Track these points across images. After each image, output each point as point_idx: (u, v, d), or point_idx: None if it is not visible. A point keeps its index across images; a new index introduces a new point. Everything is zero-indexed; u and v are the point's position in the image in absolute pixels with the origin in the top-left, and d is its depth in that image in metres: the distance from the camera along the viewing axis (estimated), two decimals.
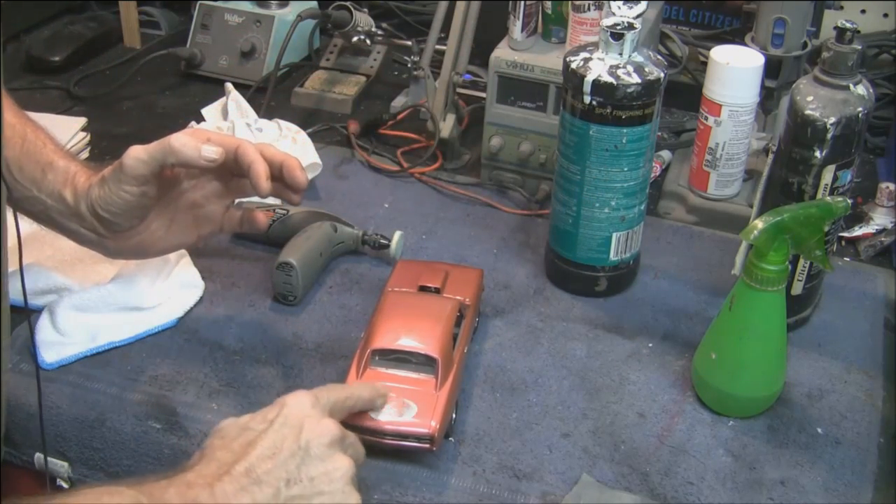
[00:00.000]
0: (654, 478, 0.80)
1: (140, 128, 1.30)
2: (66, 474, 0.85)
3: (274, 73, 1.31)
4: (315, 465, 0.69)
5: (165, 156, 0.81)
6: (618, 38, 0.90)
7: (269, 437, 0.68)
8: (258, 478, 0.66)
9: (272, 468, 0.67)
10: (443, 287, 0.92)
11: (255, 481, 0.66)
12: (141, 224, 0.87)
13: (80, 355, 0.89)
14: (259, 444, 0.68)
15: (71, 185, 0.85)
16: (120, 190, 0.82)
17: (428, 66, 1.22)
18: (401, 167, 1.20)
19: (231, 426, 0.71)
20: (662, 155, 1.21)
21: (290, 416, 0.70)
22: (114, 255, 0.90)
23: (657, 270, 1.04)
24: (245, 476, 0.66)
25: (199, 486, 0.65)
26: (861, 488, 0.80)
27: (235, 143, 0.84)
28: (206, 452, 0.69)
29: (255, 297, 0.99)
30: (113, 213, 0.84)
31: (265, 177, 0.82)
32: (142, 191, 0.83)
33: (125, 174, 0.82)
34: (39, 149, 0.86)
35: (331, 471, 0.69)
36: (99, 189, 0.83)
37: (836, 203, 0.81)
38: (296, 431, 0.69)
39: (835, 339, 0.96)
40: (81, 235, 0.87)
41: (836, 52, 0.85)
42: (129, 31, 1.50)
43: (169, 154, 0.81)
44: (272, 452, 0.68)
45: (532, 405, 0.87)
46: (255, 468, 0.67)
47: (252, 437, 0.69)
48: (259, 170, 0.82)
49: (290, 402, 0.71)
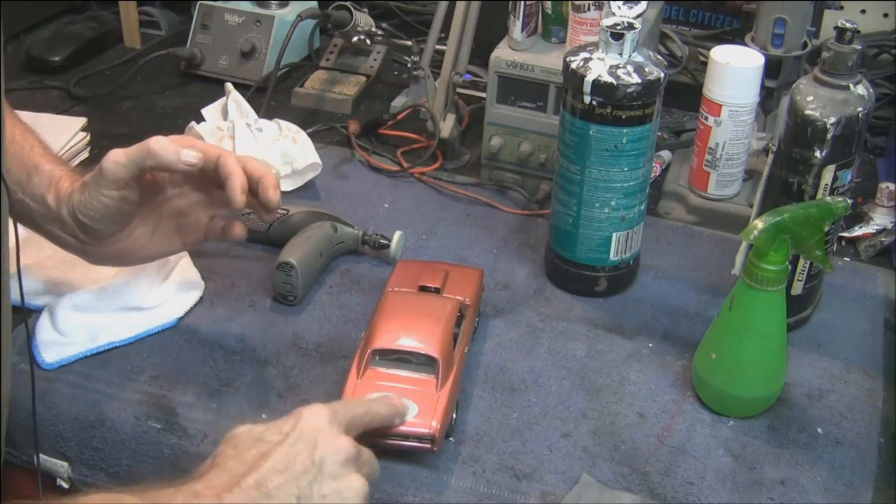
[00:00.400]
0: (654, 478, 0.80)
1: (140, 128, 1.30)
2: (66, 474, 0.85)
3: (274, 73, 1.31)
4: (327, 483, 0.67)
5: (144, 159, 0.80)
6: (618, 38, 0.90)
7: (283, 450, 0.67)
8: (268, 492, 0.65)
9: (283, 483, 0.66)
10: (443, 287, 0.92)
11: (265, 495, 0.65)
12: (123, 231, 0.86)
13: (80, 355, 0.89)
14: (272, 456, 0.67)
15: (54, 190, 0.84)
16: (100, 195, 0.82)
17: (428, 66, 1.22)
18: (401, 167, 1.20)
19: (245, 435, 0.70)
20: (662, 155, 1.21)
21: (306, 430, 0.69)
22: (96, 262, 0.89)
23: (657, 270, 1.04)
24: (255, 489, 0.65)
25: (208, 496, 0.64)
26: (861, 488, 0.80)
27: (217, 152, 0.83)
28: (218, 461, 0.68)
29: (255, 297, 0.99)
30: (93, 218, 0.83)
31: (240, 190, 0.81)
32: (122, 195, 0.82)
33: (105, 178, 0.81)
34: (27, 151, 0.85)
35: (343, 490, 0.68)
36: (80, 194, 0.83)
37: (836, 203, 0.81)
38: (310, 447, 0.68)
39: (835, 339, 0.96)
40: (63, 240, 0.86)
41: (836, 52, 0.85)
42: (129, 31, 1.50)
43: (148, 157, 0.80)
44: (284, 467, 0.66)
45: (532, 405, 0.87)
46: (266, 482, 0.65)
47: (265, 450, 0.67)
48: (235, 182, 0.81)
49: (307, 415, 0.70)
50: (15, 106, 1.26)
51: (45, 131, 1.20)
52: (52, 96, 1.37)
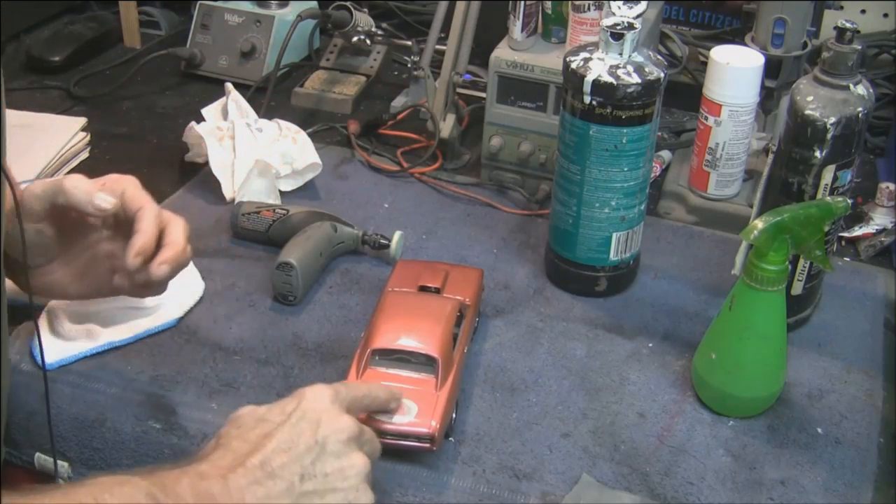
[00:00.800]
0: (654, 478, 0.80)
1: (140, 128, 1.30)
2: (67, 474, 0.85)
3: (274, 73, 1.31)
4: (330, 461, 0.68)
5: (56, 194, 0.79)
6: (618, 38, 0.90)
7: (286, 430, 0.68)
8: (272, 471, 0.66)
9: (287, 462, 0.67)
10: (443, 287, 0.92)
11: (270, 475, 0.66)
12: (49, 264, 0.83)
13: (80, 355, 0.89)
14: (275, 436, 0.68)
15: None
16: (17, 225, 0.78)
17: (428, 66, 1.22)
18: (401, 167, 1.20)
19: (248, 416, 0.70)
20: (662, 155, 1.21)
21: (309, 409, 0.70)
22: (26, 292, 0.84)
23: (657, 270, 1.04)
24: (259, 469, 0.66)
25: (213, 477, 0.65)
26: (861, 488, 0.80)
27: (141, 203, 0.80)
28: (222, 441, 0.68)
29: (255, 297, 0.99)
30: (11, 247, 0.78)
31: (136, 251, 0.78)
32: (37, 228, 0.80)
33: (24, 209, 0.78)
34: None
35: (346, 468, 0.69)
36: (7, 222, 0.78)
37: (836, 203, 0.81)
38: (313, 426, 0.69)
39: (835, 339, 0.96)
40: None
41: (836, 52, 0.85)
42: (129, 31, 1.50)
43: (59, 193, 0.78)
44: (288, 446, 0.67)
45: (532, 405, 0.87)
46: (269, 461, 0.66)
47: (269, 430, 0.68)
48: (136, 241, 0.78)
49: (309, 395, 0.71)
50: (15, 106, 1.27)
51: (45, 131, 1.21)
52: (52, 96, 1.37)
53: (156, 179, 1.17)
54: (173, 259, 0.80)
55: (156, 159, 1.22)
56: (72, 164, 1.19)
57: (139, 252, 0.78)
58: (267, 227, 1.04)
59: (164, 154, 1.23)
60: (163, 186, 1.15)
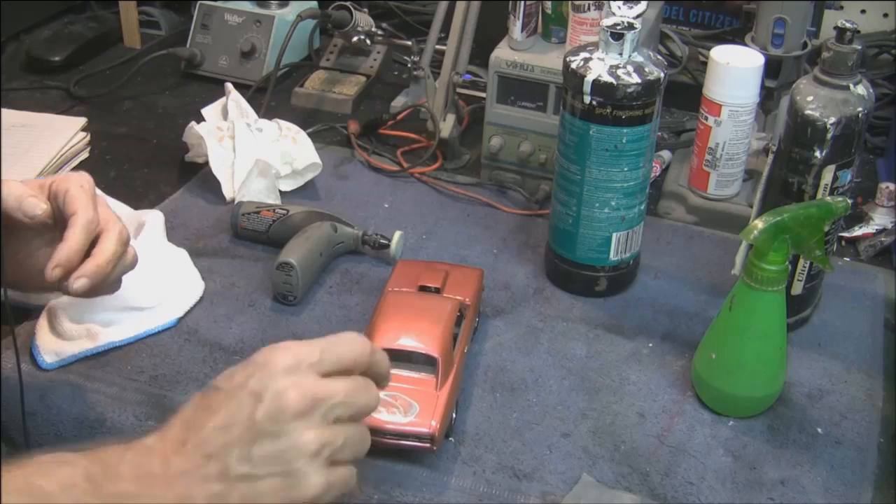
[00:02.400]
0: (654, 478, 0.80)
1: (140, 128, 1.30)
2: None
3: (274, 73, 1.31)
4: (266, 443, 0.61)
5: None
6: (618, 38, 0.90)
7: (229, 405, 0.62)
8: (210, 453, 0.61)
9: (225, 443, 0.61)
10: (443, 287, 0.92)
11: (207, 456, 0.61)
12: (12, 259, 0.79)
13: (80, 355, 0.89)
14: (218, 412, 0.62)
15: None
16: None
17: (428, 66, 1.22)
18: (401, 167, 1.20)
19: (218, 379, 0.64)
20: (662, 155, 1.21)
21: (253, 382, 0.62)
22: None
23: (657, 270, 1.04)
24: (197, 451, 0.61)
25: (157, 453, 0.61)
26: (861, 488, 0.80)
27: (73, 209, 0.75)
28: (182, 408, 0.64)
29: (255, 297, 0.99)
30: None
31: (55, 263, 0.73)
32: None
33: None
34: None
35: (286, 450, 0.61)
36: None
37: (836, 203, 0.81)
38: (253, 402, 0.61)
39: (835, 339, 0.96)
40: None
41: (836, 52, 0.85)
42: (129, 31, 1.50)
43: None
44: (226, 423, 0.61)
45: (532, 405, 0.87)
46: (208, 442, 0.61)
47: (215, 402, 0.62)
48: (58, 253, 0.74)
49: (260, 360, 0.63)
50: (15, 106, 1.27)
51: (44, 131, 1.21)
52: (52, 96, 1.37)
53: (156, 179, 1.18)
54: (93, 273, 0.75)
55: (156, 159, 1.22)
56: (72, 163, 1.19)
57: (58, 264, 0.74)
58: (267, 227, 1.04)
59: (164, 154, 1.23)
60: (163, 186, 1.16)
